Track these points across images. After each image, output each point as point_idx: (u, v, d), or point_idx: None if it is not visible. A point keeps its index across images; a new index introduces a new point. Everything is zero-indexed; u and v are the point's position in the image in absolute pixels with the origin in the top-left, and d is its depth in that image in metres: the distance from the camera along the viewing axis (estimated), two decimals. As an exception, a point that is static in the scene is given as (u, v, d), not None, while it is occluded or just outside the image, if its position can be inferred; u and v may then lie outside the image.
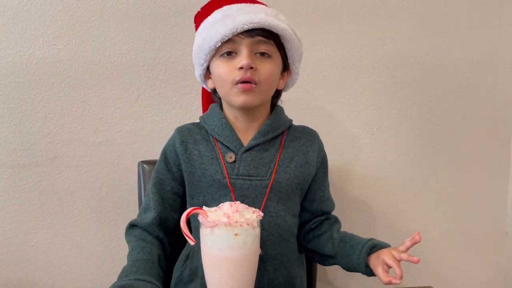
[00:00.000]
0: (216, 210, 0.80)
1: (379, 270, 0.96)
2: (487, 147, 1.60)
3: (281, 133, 1.07)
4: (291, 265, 1.07)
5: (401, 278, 0.91)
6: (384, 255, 0.95)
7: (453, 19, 1.54)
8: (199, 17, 1.07)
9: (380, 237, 1.55)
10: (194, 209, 0.79)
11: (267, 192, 1.01)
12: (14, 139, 1.38)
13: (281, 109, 1.12)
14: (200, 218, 0.79)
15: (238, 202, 0.81)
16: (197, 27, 1.07)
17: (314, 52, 1.48)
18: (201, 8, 1.08)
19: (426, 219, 1.59)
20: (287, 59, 1.05)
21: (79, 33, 1.38)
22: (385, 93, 1.53)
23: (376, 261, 0.98)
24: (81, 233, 1.44)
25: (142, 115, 1.42)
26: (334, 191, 1.48)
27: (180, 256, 1.11)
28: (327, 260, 1.10)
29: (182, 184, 1.08)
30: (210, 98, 1.14)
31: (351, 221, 1.54)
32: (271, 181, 1.02)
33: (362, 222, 1.56)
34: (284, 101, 1.16)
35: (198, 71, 1.08)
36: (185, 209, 1.07)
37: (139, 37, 1.40)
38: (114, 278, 0.93)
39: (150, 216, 1.05)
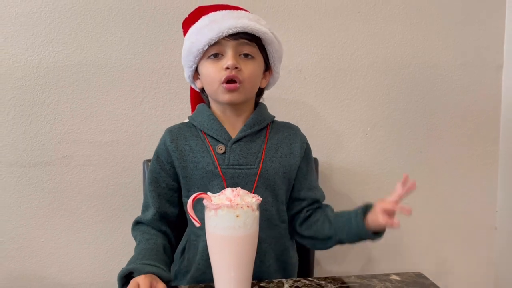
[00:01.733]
0: (219, 195, 0.86)
1: (379, 218, 0.99)
2: (477, 145, 1.64)
3: (266, 127, 1.15)
4: (280, 249, 1.13)
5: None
6: (380, 205, 1.00)
7: (441, 23, 1.58)
8: (187, 23, 1.15)
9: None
10: (199, 194, 0.86)
11: (256, 180, 1.08)
12: (25, 139, 1.43)
13: (264, 106, 1.19)
14: (205, 201, 0.86)
15: (239, 188, 0.87)
16: (185, 32, 1.15)
17: (311, 55, 1.53)
18: (188, 15, 1.16)
19: (419, 214, 1.62)
20: (268, 60, 1.13)
21: (87, 38, 1.43)
22: (377, 94, 1.57)
23: (373, 215, 1.02)
24: (88, 230, 1.48)
25: (147, 116, 1.47)
26: (329, 188, 1.53)
27: (176, 251, 1.17)
28: (328, 241, 1.12)
29: (177, 180, 1.14)
30: (198, 99, 1.22)
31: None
32: (260, 169, 1.09)
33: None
34: (282, 101, 1.21)
35: (187, 73, 1.15)
36: (182, 203, 1.15)
37: (144, 42, 1.45)
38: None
39: (151, 213, 1.12)
